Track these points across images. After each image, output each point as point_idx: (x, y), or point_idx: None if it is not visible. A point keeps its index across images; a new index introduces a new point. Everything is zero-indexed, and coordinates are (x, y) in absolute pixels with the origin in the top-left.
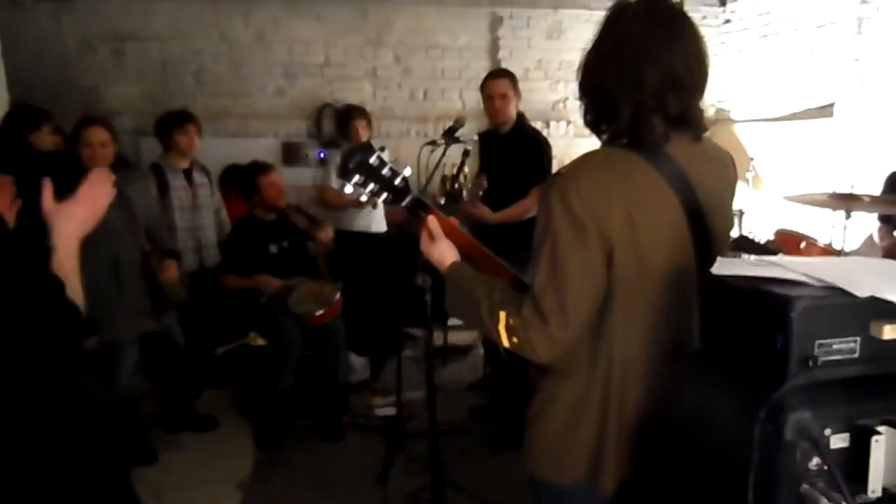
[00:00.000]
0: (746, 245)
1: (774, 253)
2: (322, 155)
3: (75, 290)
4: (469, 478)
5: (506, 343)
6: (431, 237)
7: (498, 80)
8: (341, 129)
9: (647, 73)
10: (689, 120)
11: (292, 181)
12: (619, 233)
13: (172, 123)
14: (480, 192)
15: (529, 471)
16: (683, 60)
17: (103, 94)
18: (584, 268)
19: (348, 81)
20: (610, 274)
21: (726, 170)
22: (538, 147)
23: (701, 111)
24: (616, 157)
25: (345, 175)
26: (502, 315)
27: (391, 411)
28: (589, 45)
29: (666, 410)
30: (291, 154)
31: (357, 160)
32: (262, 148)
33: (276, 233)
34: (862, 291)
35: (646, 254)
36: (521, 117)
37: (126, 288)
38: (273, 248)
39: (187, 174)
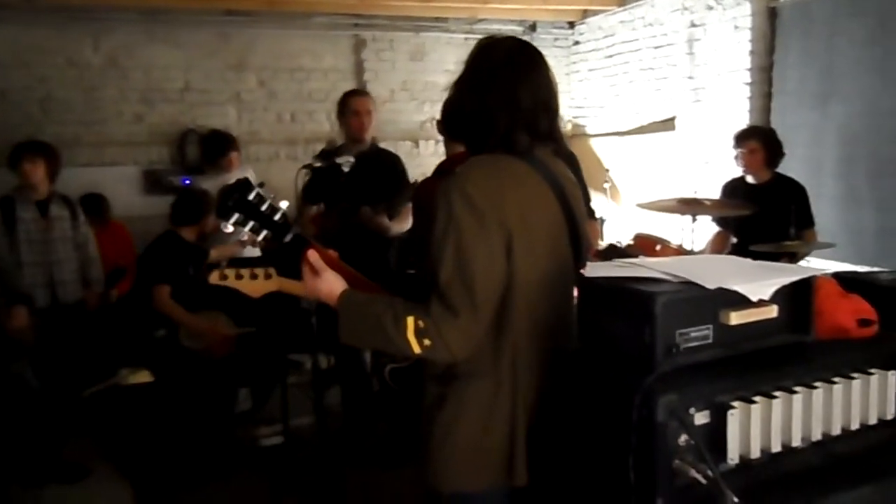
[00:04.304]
0: (613, 253)
1: (635, 257)
2: (187, 182)
3: None
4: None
5: (416, 349)
6: (314, 271)
7: (365, 98)
8: (207, 155)
9: (521, 95)
10: (554, 137)
11: (155, 210)
12: (515, 223)
13: (21, 154)
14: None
15: (437, 486)
16: (547, 88)
17: None
18: (489, 255)
19: (211, 106)
20: (509, 264)
21: (577, 173)
22: (399, 162)
23: (560, 130)
24: (501, 160)
25: (224, 214)
26: (409, 320)
27: (278, 440)
28: (462, 71)
29: (553, 405)
30: (153, 182)
31: (236, 198)
32: (121, 176)
33: (193, 257)
34: (711, 284)
35: (536, 249)
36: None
37: None
38: (190, 270)
39: (42, 206)
